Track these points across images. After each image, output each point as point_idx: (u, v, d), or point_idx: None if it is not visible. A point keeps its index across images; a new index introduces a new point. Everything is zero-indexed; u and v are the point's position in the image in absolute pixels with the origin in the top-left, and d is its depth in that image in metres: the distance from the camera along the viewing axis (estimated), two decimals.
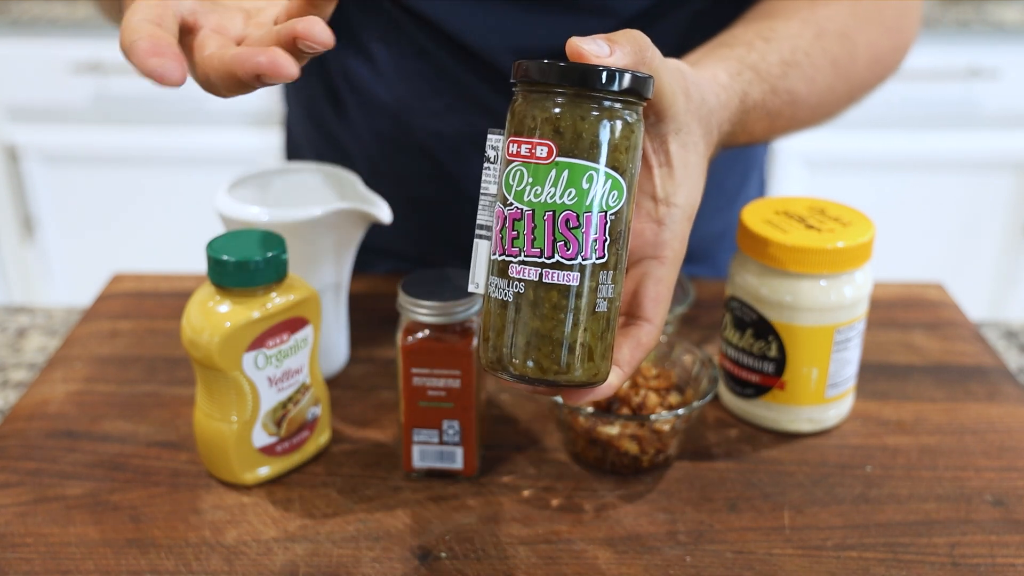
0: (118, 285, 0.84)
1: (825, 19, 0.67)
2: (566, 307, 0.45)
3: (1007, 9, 1.71)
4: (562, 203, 0.44)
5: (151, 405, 0.67)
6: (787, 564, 0.54)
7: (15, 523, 0.56)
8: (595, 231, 0.44)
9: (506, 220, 0.45)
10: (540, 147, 0.44)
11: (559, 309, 0.45)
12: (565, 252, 0.44)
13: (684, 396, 0.64)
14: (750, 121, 0.61)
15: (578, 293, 0.45)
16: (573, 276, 0.44)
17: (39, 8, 1.72)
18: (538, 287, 0.45)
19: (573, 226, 0.44)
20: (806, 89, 0.65)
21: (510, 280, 0.45)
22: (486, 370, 0.47)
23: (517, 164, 0.45)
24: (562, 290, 0.45)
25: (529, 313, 0.45)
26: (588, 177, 0.44)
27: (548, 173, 0.44)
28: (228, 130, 1.80)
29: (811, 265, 0.61)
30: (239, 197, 0.66)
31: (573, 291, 0.45)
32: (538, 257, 0.44)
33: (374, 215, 0.64)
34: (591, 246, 0.44)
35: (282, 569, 0.53)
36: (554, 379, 0.45)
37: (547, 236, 0.44)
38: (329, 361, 0.70)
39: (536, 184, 0.44)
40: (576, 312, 0.45)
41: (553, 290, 0.45)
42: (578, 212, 0.44)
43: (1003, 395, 0.70)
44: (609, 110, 0.44)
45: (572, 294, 0.45)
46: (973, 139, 1.78)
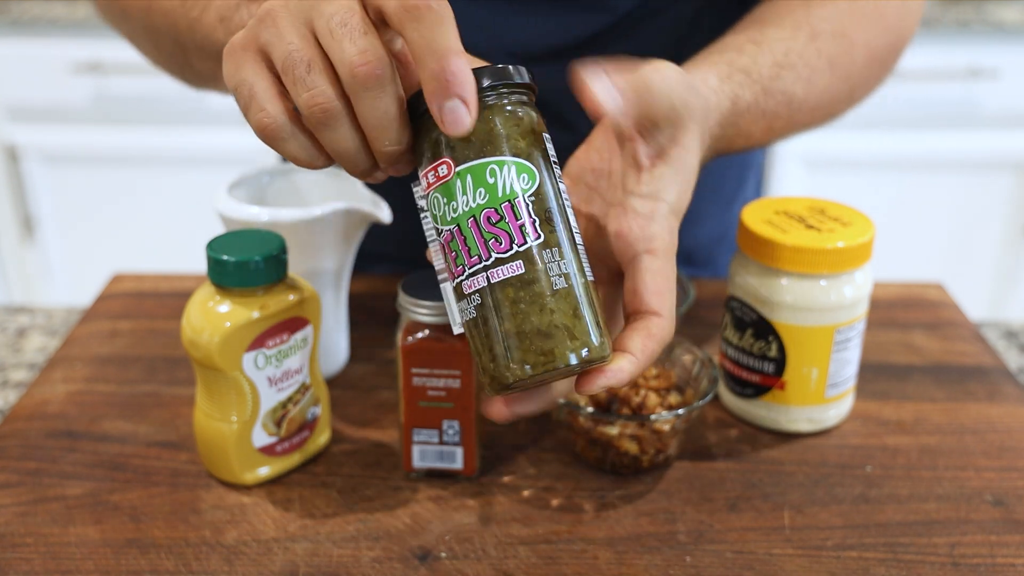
0: (118, 285, 0.84)
1: (820, 20, 0.66)
2: (524, 298, 0.45)
3: (1007, 9, 1.71)
4: (477, 205, 0.45)
5: (151, 405, 0.67)
6: (787, 564, 0.54)
7: (15, 523, 0.56)
8: (520, 216, 0.45)
9: (444, 246, 0.47)
10: (440, 167, 0.46)
11: (518, 302, 0.45)
12: (499, 247, 0.45)
13: (684, 396, 0.64)
14: (744, 123, 0.61)
15: (529, 280, 0.45)
16: (517, 265, 0.45)
17: (39, 8, 1.72)
18: (491, 290, 0.45)
19: (495, 220, 0.45)
20: (803, 90, 0.65)
21: (468, 298, 0.46)
22: (492, 394, 0.47)
23: (432, 192, 0.46)
24: (512, 283, 0.45)
25: (495, 319, 0.45)
26: (490, 172, 0.45)
27: (455, 185, 0.45)
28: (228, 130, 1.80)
29: (811, 265, 0.61)
30: (239, 197, 0.66)
31: (524, 279, 0.45)
32: (479, 263, 0.45)
33: (374, 215, 0.64)
34: (521, 232, 0.45)
35: (282, 569, 0.53)
36: (546, 369, 0.45)
37: (478, 240, 0.45)
38: (329, 361, 0.70)
39: (451, 200, 0.45)
40: (537, 299, 0.45)
41: (506, 287, 0.45)
42: (496, 207, 0.45)
43: (1003, 395, 0.70)
44: (485, 109, 0.45)
45: (525, 283, 0.45)
46: (973, 139, 1.78)
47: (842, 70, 0.68)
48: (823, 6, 0.67)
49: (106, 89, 1.77)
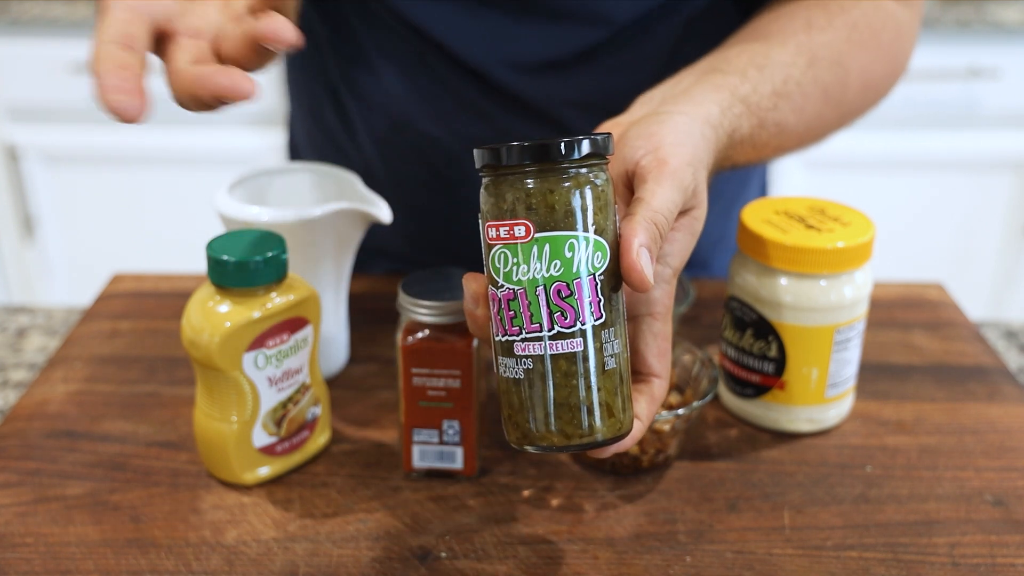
0: (118, 285, 0.84)
1: (820, 46, 0.66)
2: (576, 372, 0.45)
3: (1007, 9, 1.71)
4: (550, 276, 0.45)
5: (151, 405, 0.67)
6: (787, 564, 0.54)
7: (15, 523, 0.56)
8: (588, 295, 0.45)
9: (500, 302, 0.46)
10: (518, 227, 0.45)
11: (570, 376, 0.45)
12: (563, 322, 0.45)
13: (684, 396, 0.64)
14: (736, 153, 0.61)
15: (585, 357, 0.45)
16: (577, 343, 0.45)
17: (39, 8, 1.72)
18: (545, 360, 0.46)
19: (566, 295, 0.45)
20: (795, 119, 0.65)
21: (518, 359, 0.46)
22: (514, 446, 0.48)
23: (499, 247, 0.46)
24: (569, 358, 0.45)
25: (542, 386, 0.46)
26: (570, 246, 0.45)
27: (531, 250, 0.45)
28: (228, 130, 1.80)
29: (811, 265, 0.61)
30: (239, 197, 0.66)
31: (580, 356, 0.45)
32: (539, 332, 0.45)
33: (374, 215, 0.64)
34: (588, 310, 0.45)
35: (282, 569, 0.53)
36: (580, 443, 0.46)
37: (544, 310, 0.45)
38: (329, 361, 0.70)
39: (522, 263, 0.45)
40: (587, 375, 0.46)
41: (561, 359, 0.45)
42: (568, 281, 0.45)
43: (1003, 395, 0.70)
44: (575, 177, 0.45)
45: (579, 359, 0.45)
46: (973, 139, 1.78)
47: (835, 98, 0.68)
48: (823, 31, 0.67)
49: None
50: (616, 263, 0.46)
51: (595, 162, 0.46)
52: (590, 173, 0.45)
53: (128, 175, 1.83)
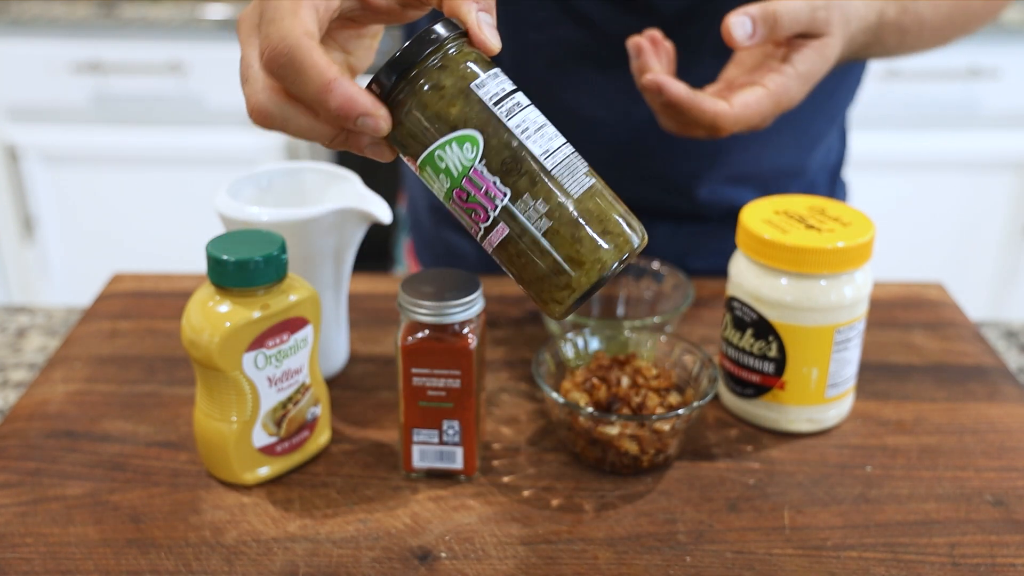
0: (118, 285, 0.84)
1: None
2: (518, 253, 0.48)
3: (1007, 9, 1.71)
4: (448, 188, 0.48)
5: (151, 405, 0.67)
6: (787, 564, 0.54)
7: (15, 523, 0.56)
8: (482, 183, 0.47)
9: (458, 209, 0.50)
10: (410, 162, 0.49)
11: (519, 256, 0.48)
12: (480, 218, 0.48)
13: (684, 396, 0.64)
14: (884, 35, 0.72)
15: (516, 235, 0.47)
16: (501, 229, 0.48)
17: (39, 8, 1.72)
18: (497, 253, 0.49)
19: (465, 197, 0.48)
20: (931, 14, 0.75)
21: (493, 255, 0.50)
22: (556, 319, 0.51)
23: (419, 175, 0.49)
24: (509, 242, 0.48)
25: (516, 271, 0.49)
26: (439, 158, 0.47)
27: (426, 176, 0.49)
28: (228, 130, 1.80)
29: (811, 265, 0.61)
30: (239, 197, 0.66)
31: (510, 237, 0.48)
32: (478, 232, 0.49)
33: (374, 215, 0.64)
34: (488, 198, 0.47)
35: (282, 569, 0.53)
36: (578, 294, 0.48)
37: (466, 217, 0.48)
38: (329, 361, 0.70)
39: (432, 185, 0.49)
40: (527, 249, 0.48)
41: (507, 245, 0.48)
42: (458, 186, 0.48)
43: (1003, 395, 0.70)
44: (403, 100, 0.47)
45: (512, 239, 0.48)
46: (973, 139, 1.78)
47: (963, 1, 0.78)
48: None
49: (106, 89, 1.77)
50: (492, 139, 0.47)
51: (416, 71, 0.47)
52: (416, 84, 0.47)
53: (128, 175, 1.83)
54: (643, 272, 0.77)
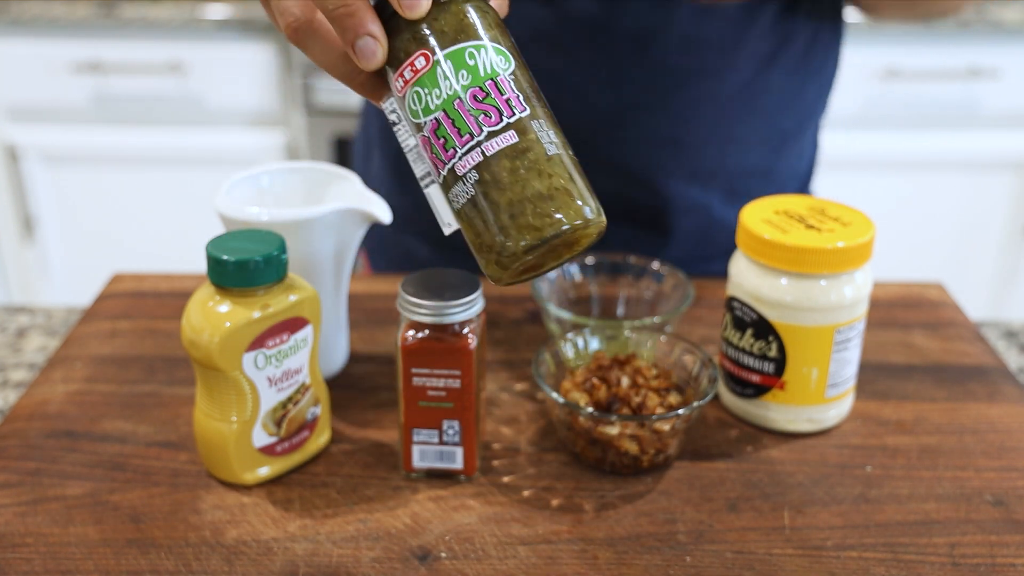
0: (118, 285, 0.84)
1: None
2: (520, 164, 0.46)
3: (1007, 9, 1.71)
4: (462, 86, 0.46)
5: (151, 405, 0.67)
6: (787, 564, 0.54)
7: (15, 523, 0.56)
8: (505, 91, 0.47)
9: (430, 138, 0.47)
10: (417, 60, 0.47)
11: (516, 170, 0.46)
12: (490, 122, 0.46)
13: (684, 396, 0.64)
14: None
15: (523, 148, 0.46)
16: (510, 135, 0.46)
17: (39, 8, 1.72)
18: (487, 164, 0.46)
19: (482, 98, 0.46)
20: None
21: (463, 179, 0.47)
22: (499, 283, 0.48)
23: (410, 89, 0.47)
24: (508, 153, 0.46)
25: (495, 190, 0.46)
26: (470, 54, 0.47)
27: (436, 72, 0.47)
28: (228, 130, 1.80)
29: (811, 265, 0.61)
30: (239, 197, 0.66)
31: (518, 147, 0.46)
32: (471, 140, 0.46)
33: (374, 215, 0.64)
34: (508, 105, 0.46)
35: (282, 569, 0.53)
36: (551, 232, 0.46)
37: (468, 119, 0.46)
38: (329, 361, 0.70)
39: (433, 88, 0.47)
40: (534, 164, 0.46)
41: (502, 158, 0.46)
42: (480, 85, 0.46)
43: (1003, 395, 0.70)
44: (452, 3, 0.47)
45: (519, 151, 0.46)
46: (973, 139, 1.79)
47: None
48: None
49: (106, 89, 1.77)
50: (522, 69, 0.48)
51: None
52: None
53: (128, 175, 1.83)
54: (643, 272, 0.77)
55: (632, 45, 0.80)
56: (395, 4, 0.46)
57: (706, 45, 0.80)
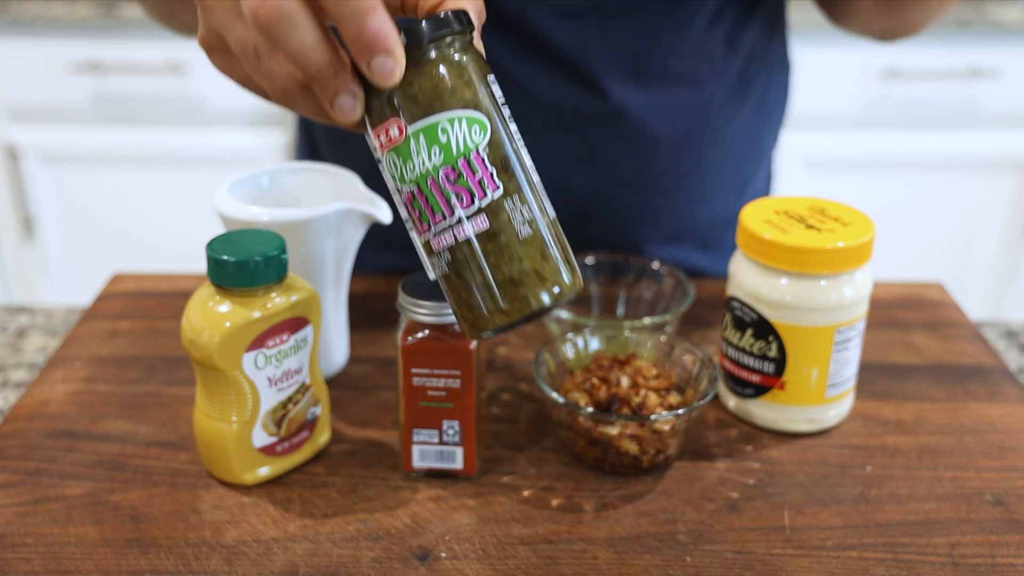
0: (118, 285, 0.84)
1: None
2: (492, 250, 0.46)
3: (1007, 9, 1.71)
4: (434, 165, 0.46)
5: (151, 405, 0.67)
6: (787, 564, 0.54)
7: (15, 523, 0.56)
8: (478, 171, 0.46)
9: (406, 204, 0.47)
10: (391, 129, 0.46)
11: (488, 255, 0.46)
12: (462, 204, 0.46)
13: (684, 396, 0.64)
14: None
15: (495, 232, 0.46)
16: (481, 220, 0.46)
17: (39, 8, 1.72)
18: (459, 247, 0.46)
19: (454, 179, 0.46)
20: None
21: (438, 255, 0.47)
22: (471, 336, 0.49)
23: (386, 153, 0.47)
24: (481, 238, 0.46)
25: (468, 273, 0.47)
26: (442, 130, 0.45)
27: (409, 146, 0.46)
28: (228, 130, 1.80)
29: (811, 265, 0.61)
30: (239, 197, 0.66)
31: (489, 233, 0.46)
32: (444, 221, 0.46)
33: (374, 215, 0.64)
34: (481, 186, 0.46)
35: (282, 569, 0.53)
36: (523, 315, 0.47)
37: (439, 200, 0.46)
38: (329, 361, 0.70)
39: (406, 161, 0.46)
40: (504, 248, 0.46)
41: (475, 242, 0.46)
42: (452, 164, 0.46)
43: (1003, 395, 0.70)
44: (428, 62, 0.45)
45: (490, 236, 0.46)
46: (973, 139, 1.79)
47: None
48: None
49: (106, 89, 1.77)
50: (498, 133, 0.46)
51: (447, 40, 0.46)
52: (444, 51, 0.46)
53: (128, 175, 1.83)
54: (643, 272, 0.77)
55: (606, 124, 0.80)
56: (366, 73, 0.45)
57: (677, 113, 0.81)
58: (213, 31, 0.49)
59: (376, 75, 0.44)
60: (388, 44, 0.44)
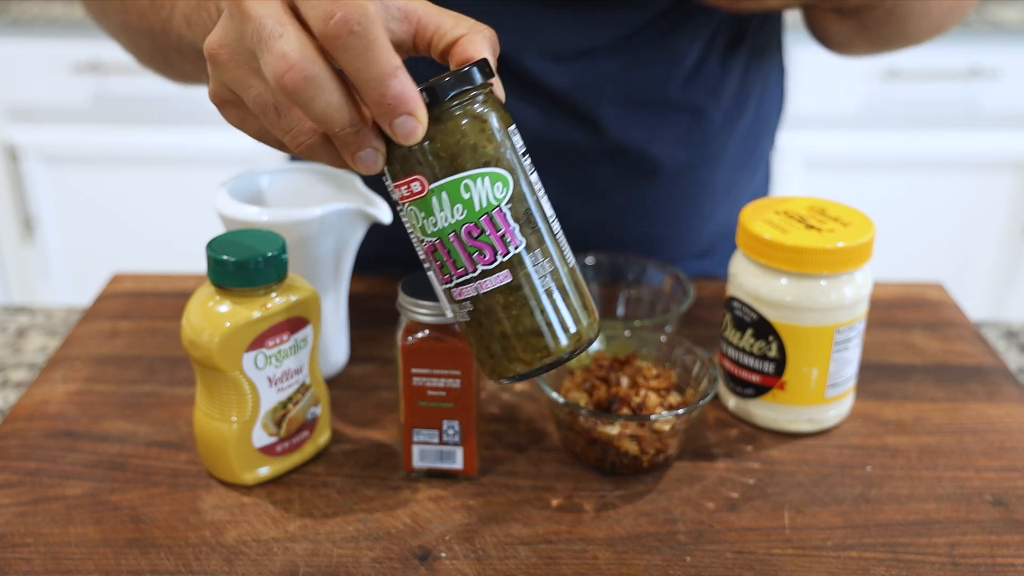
0: (118, 285, 0.84)
1: None
2: (513, 303, 0.47)
3: (1007, 9, 1.71)
4: (456, 221, 0.46)
5: (151, 405, 0.67)
6: (787, 564, 0.54)
7: (15, 523, 0.56)
8: (500, 227, 0.46)
9: (427, 254, 0.48)
10: (413, 183, 0.46)
11: (509, 307, 0.47)
12: (484, 260, 0.46)
13: (684, 396, 0.64)
14: None
15: (516, 286, 0.47)
16: (503, 275, 0.47)
17: (39, 8, 1.72)
18: (481, 299, 0.47)
19: (476, 235, 0.46)
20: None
21: (459, 304, 0.48)
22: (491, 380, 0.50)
23: (407, 205, 0.47)
24: (503, 291, 0.47)
25: (489, 323, 0.48)
26: (464, 187, 0.45)
27: (431, 202, 0.46)
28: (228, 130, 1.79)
29: (811, 265, 0.61)
30: (239, 197, 0.66)
31: (511, 286, 0.47)
32: (465, 275, 0.47)
33: (374, 215, 0.64)
34: (503, 241, 0.46)
35: (282, 569, 0.53)
36: (543, 364, 0.48)
37: (462, 254, 0.46)
38: (329, 361, 0.70)
39: (428, 215, 0.46)
40: (526, 300, 0.47)
41: (496, 294, 0.47)
42: (474, 221, 0.46)
43: (1003, 395, 0.70)
44: (449, 119, 0.45)
45: (511, 289, 0.47)
46: (973, 139, 1.79)
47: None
48: None
49: (106, 89, 1.77)
50: (520, 187, 0.47)
51: (468, 95, 0.46)
52: (466, 107, 0.45)
53: (128, 175, 1.83)
54: (643, 272, 0.77)
55: (606, 158, 0.79)
56: (389, 133, 0.44)
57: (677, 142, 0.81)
58: (226, 87, 0.48)
59: (399, 135, 0.44)
60: (410, 106, 0.43)
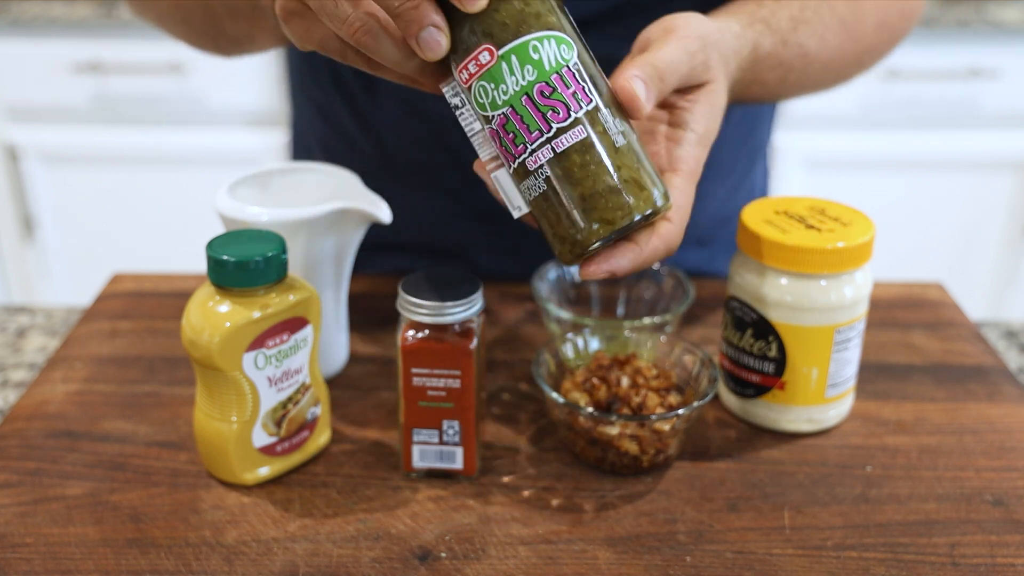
0: (118, 285, 0.84)
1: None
2: (591, 159, 0.47)
3: (1007, 9, 1.71)
4: (528, 82, 0.47)
5: (151, 405, 0.67)
6: (787, 564, 0.54)
7: (15, 523, 0.56)
8: (571, 85, 0.47)
9: (498, 132, 0.48)
10: (481, 55, 0.47)
11: (586, 165, 0.47)
12: (558, 118, 0.47)
13: (684, 396, 0.64)
14: (762, 70, 0.65)
15: (592, 142, 0.47)
16: (579, 131, 0.47)
17: (39, 8, 1.72)
18: (558, 160, 0.48)
19: (549, 93, 0.47)
20: (816, 45, 0.68)
21: (534, 174, 0.48)
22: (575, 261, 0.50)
23: (476, 83, 0.48)
24: (578, 148, 0.47)
25: (567, 185, 0.48)
26: (533, 48, 0.47)
27: (501, 68, 0.47)
28: (228, 130, 1.80)
29: (811, 265, 0.61)
30: (239, 197, 0.66)
31: (587, 143, 0.47)
32: (541, 137, 0.47)
33: (374, 215, 0.64)
34: (575, 99, 0.47)
35: (282, 569, 0.53)
36: (624, 223, 0.48)
37: (536, 115, 0.47)
38: (329, 361, 0.70)
39: (499, 84, 0.47)
40: (603, 156, 0.48)
41: (572, 153, 0.47)
42: (546, 80, 0.47)
43: (1003, 395, 0.70)
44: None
45: (588, 145, 0.47)
46: (973, 139, 1.79)
47: (852, 31, 0.71)
48: None
49: (106, 89, 1.77)
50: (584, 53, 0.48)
51: None
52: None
53: (128, 175, 1.83)
54: (643, 272, 0.77)
55: None
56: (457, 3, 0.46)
57: None
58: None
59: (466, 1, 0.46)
60: None
